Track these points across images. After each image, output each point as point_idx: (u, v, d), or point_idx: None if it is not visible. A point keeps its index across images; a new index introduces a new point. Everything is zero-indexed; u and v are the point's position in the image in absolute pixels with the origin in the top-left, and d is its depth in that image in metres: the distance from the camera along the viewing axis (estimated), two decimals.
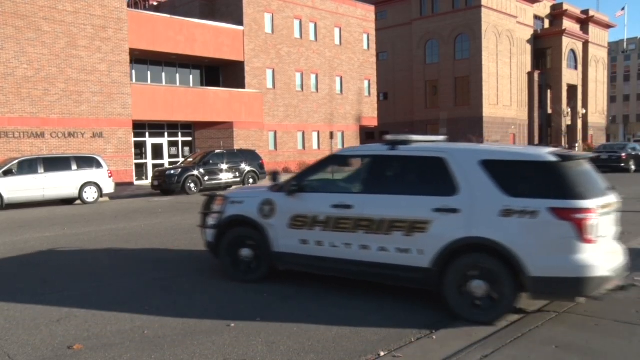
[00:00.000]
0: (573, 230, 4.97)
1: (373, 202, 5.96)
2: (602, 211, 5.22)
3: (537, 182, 5.29)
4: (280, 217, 6.50)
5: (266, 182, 23.34)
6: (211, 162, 22.36)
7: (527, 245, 5.09)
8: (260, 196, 6.78)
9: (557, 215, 5.01)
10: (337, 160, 6.91)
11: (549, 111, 64.16)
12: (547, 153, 5.39)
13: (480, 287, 5.27)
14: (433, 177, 5.77)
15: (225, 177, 22.61)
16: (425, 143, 6.22)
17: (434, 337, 4.78)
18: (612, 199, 5.63)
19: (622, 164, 29.49)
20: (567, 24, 66.23)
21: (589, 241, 5.00)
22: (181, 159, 28.30)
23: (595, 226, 5.05)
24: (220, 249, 6.99)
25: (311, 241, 6.29)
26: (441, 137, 6.92)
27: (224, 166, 22.61)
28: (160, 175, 21.68)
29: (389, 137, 6.33)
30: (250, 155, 24.07)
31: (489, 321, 5.15)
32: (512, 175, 5.40)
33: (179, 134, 30.68)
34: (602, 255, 5.16)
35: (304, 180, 6.60)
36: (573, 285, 5.02)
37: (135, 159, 27.81)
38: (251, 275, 6.84)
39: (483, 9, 51.82)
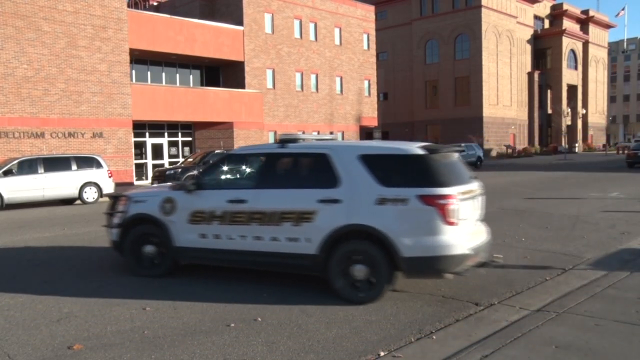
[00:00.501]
0: (437, 214, 5.63)
1: (265, 196, 6.45)
2: (463, 197, 5.87)
3: (407, 173, 5.93)
4: (180, 214, 6.86)
5: None
6: (211, 162, 22.31)
7: (399, 229, 5.73)
8: (162, 195, 7.18)
9: (423, 201, 5.66)
10: (233, 158, 7.57)
11: (549, 111, 64.17)
12: (416, 147, 6.04)
13: (361, 270, 5.86)
14: (318, 171, 6.36)
15: None
16: (311, 141, 6.84)
17: (434, 337, 4.78)
18: (474, 186, 6.32)
19: None
20: (567, 24, 66.24)
21: (451, 223, 5.67)
22: (181, 159, 28.30)
23: (457, 210, 5.70)
24: (124, 247, 7.30)
25: (209, 235, 6.69)
26: (329, 136, 7.48)
27: None
28: (160, 175, 21.67)
29: (281, 136, 6.90)
30: None
31: (369, 300, 5.83)
32: (386, 168, 6.04)
33: (179, 134, 30.68)
34: (463, 236, 5.84)
35: (203, 178, 7.03)
36: (438, 263, 5.71)
37: (135, 159, 27.81)
38: (155, 270, 7.17)
39: (483, 9, 51.82)
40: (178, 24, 28.92)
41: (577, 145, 63.47)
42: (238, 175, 7.85)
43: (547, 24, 66.62)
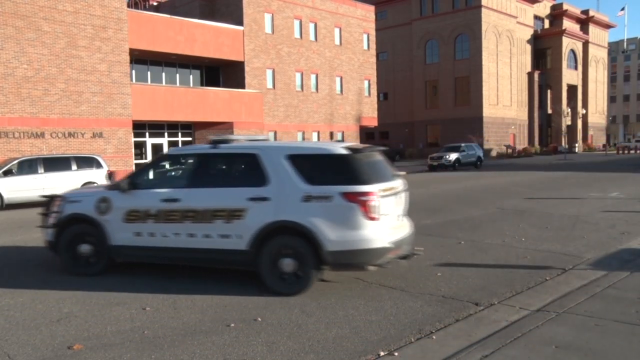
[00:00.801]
0: (359, 210, 5.99)
1: (198, 195, 6.70)
2: (384, 194, 6.23)
3: (332, 171, 6.28)
4: (115, 213, 7.05)
5: None
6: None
7: (324, 224, 6.06)
8: (97, 194, 7.35)
9: (346, 198, 6.02)
10: (167, 159, 7.80)
11: (549, 111, 64.16)
12: (340, 147, 6.37)
13: (290, 263, 6.20)
14: (248, 171, 6.72)
15: None
16: (242, 142, 7.11)
17: (434, 337, 4.78)
18: (396, 184, 6.70)
19: None
20: (567, 24, 66.23)
21: (372, 219, 6.04)
22: None
23: (378, 206, 6.06)
24: (60, 247, 7.40)
25: (145, 233, 6.89)
26: (262, 137, 7.73)
27: None
28: None
29: (214, 137, 7.17)
30: None
31: (297, 292, 6.17)
32: (312, 167, 6.40)
33: (179, 134, 30.67)
34: (385, 230, 6.21)
35: (138, 178, 7.25)
36: (361, 256, 6.09)
37: (135, 159, 27.80)
38: (91, 269, 7.31)
39: (483, 9, 51.80)
40: (178, 24, 28.92)
41: (577, 145, 63.47)
42: (172, 175, 8.06)
43: (547, 24, 66.61)
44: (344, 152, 6.28)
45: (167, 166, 8.03)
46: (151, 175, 7.50)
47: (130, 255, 7.19)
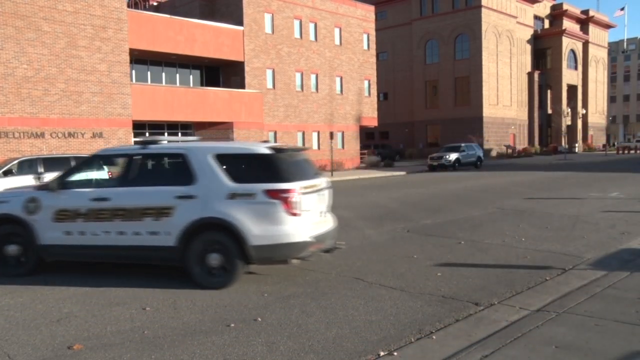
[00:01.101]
0: (281, 206, 6.34)
1: (127, 194, 6.90)
2: (305, 191, 6.59)
3: (255, 170, 6.65)
4: (45, 213, 7.14)
5: None
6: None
7: (248, 220, 6.37)
8: (25, 195, 7.42)
9: (269, 195, 6.36)
10: (98, 159, 8.00)
11: (549, 111, 64.15)
12: (263, 147, 6.72)
13: (216, 258, 6.48)
14: (176, 170, 7.01)
15: None
16: (171, 142, 7.45)
17: (434, 337, 4.78)
18: (318, 181, 7.09)
19: None
20: (567, 24, 66.22)
21: (294, 214, 6.39)
22: None
23: (299, 202, 6.42)
24: None
25: (74, 232, 7.03)
26: (193, 138, 8.01)
27: None
28: None
29: (142, 138, 7.46)
30: None
31: (224, 285, 6.46)
32: (237, 166, 6.77)
33: (179, 134, 30.66)
34: (306, 225, 6.56)
35: (68, 178, 7.42)
36: (283, 249, 6.43)
37: None
38: (21, 268, 7.34)
39: (483, 9, 51.80)
40: (178, 24, 28.91)
41: (577, 145, 63.47)
42: (102, 175, 8.34)
43: (547, 24, 66.60)
44: (267, 151, 6.64)
45: (97, 166, 8.18)
46: (81, 175, 7.68)
47: (60, 254, 7.30)
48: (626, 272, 6.82)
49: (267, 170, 6.54)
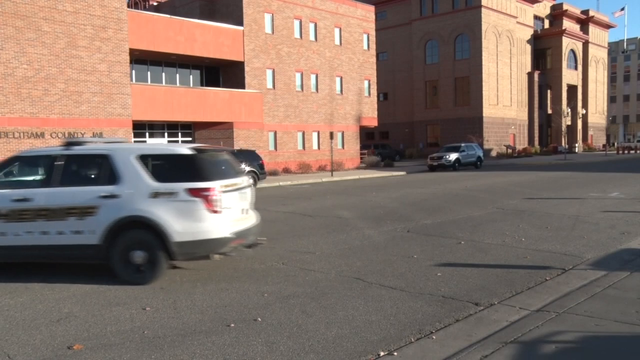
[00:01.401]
0: (202, 204, 6.65)
1: (51, 194, 7.01)
2: (226, 189, 6.92)
3: (178, 170, 6.96)
4: None
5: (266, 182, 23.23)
6: None
7: (171, 218, 6.64)
8: None
9: (190, 193, 6.67)
10: (20, 160, 7.99)
11: (549, 111, 64.13)
12: (186, 148, 7.01)
13: (140, 255, 6.71)
14: (100, 170, 7.15)
15: None
16: (96, 143, 7.58)
17: (434, 337, 4.78)
18: (239, 180, 7.42)
19: None
20: (567, 24, 66.20)
21: (215, 211, 6.72)
22: None
23: (219, 200, 6.74)
24: None
25: None
26: (118, 139, 8.20)
27: None
28: None
29: (66, 139, 7.71)
30: (250, 156, 24.04)
31: (148, 281, 6.71)
32: (160, 166, 7.07)
33: (179, 134, 30.66)
34: (227, 222, 6.88)
35: None
36: (205, 245, 6.74)
37: None
38: None
39: (483, 9, 51.79)
40: (178, 24, 28.91)
41: (577, 145, 63.45)
42: (26, 176, 8.36)
43: (547, 24, 66.58)
44: (189, 152, 6.95)
45: (20, 167, 8.22)
46: (1, 176, 7.65)
47: None
48: (626, 272, 6.82)
49: (188, 169, 6.85)
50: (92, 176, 7.26)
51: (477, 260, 7.88)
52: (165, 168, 7.11)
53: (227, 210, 6.93)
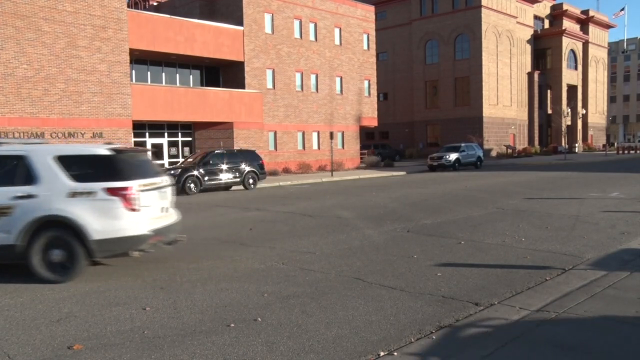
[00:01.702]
0: (120, 202, 6.87)
1: None
2: (144, 188, 7.15)
3: (96, 170, 7.14)
4: None
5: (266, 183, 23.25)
6: (211, 162, 22.34)
7: (89, 217, 6.81)
8: None
9: (108, 192, 6.88)
10: None
11: (549, 111, 64.12)
12: (104, 148, 7.21)
13: (59, 254, 6.85)
14: (16, 171, 7.18)
15: (225, 177, 22.59)
16: (12, 144, 7.71)
17: (434, 337, 4.78)
18: (158, 180, 7.63)
19: None
20: (567, 24, 66.20)
21: (133, 210, 6.94)
22: (181, 159, 28.29)
23: (137, 199, 6.97)
24: None
25: None
26: (37, 140, 8.36)
27: (224, 166, 22.59)
28: None
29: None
30: (250, 156, 24.05)
31: (67, 279, 6.86)
32: (78, 166, 7.18)
33: (179, 134, 30.67)
34: (145, 220, 7.11)
35: None
36: (123, 243, 6.93)
37: None
38: None
39: (483, 9, 51.79)
40: (178, 24, 28.91)
41: (577, 145, 63.44)
42: None
43: (547, 24, 66.57)
44: (107, 152, 7.16)
45: None
46: None
47: None
48: (626, 272, 6.82)
49: (107, 169, 7.06)
50: (8, 177, 7.25)
51: (477, 260, 7.88)
52: (84, 168, 7.24)
53: (146, 209, 7.16)
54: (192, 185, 21.33)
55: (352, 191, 20.71)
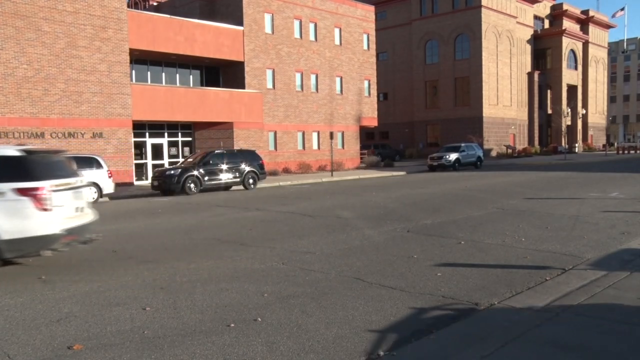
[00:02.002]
0: (32, 202, 6.92)
1: None
2: (57, 188, 7.22)
3: (6, 170, 7.09)
4: None
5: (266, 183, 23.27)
6: (211, 162, 22.34)
7: None
8: None
9: (19, 193, 6.92)
10: None
11: (549, 111, 64.14)
12: (14, 149, 7.28)
13: None
14: None
15: (225, 177, 22.59)
16: None
17: (434, 337, 4.78)
18: (72, 180, 7.76)
19: None
20: (567, 24, 66.22)
21: (44, 210, 7.00)
22: (181, 159, 28.29)
23: (49, 199, 7.03)
24: None
25: None
26: None
27: (224, 166, 22.59)
28: (160, 175, 21.66)
29: None
30: (250, 156, 24.05)
31: None
32: None
33: (179, 134, 30.67)
34: (58, 219, 7.17)
35: None
36: (34, 242, 7.00)
37: (135, 159, 27.80)
38: None
39: (483, 9, 51.80)
40: (178, 24, 28.92)
41: (577, 145, 63.46)
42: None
43: (547, 24, 66.59)
44: (16, 153, 7.22)
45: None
46: None
47: None
48: (626, 272, 6.82)
49: (16, 170, 7.08)
50: None
51: (477, 260, 7.88)
52: None
53: (59, 209, 7.22)
54: (192, 185, 21.33)
55: (352, 191, 20.71)
